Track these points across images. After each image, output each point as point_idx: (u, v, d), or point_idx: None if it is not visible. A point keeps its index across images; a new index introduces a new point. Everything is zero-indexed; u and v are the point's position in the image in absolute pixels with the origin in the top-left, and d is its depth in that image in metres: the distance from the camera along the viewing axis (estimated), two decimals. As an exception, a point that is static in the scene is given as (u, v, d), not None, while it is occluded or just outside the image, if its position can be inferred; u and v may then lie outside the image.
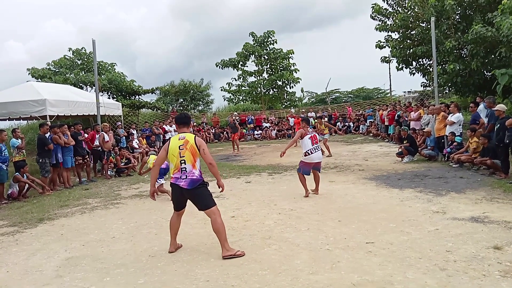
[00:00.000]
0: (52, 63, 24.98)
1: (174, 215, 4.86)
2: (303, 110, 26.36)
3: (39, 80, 21.94)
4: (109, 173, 11.90)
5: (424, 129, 12.31)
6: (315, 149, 7.43)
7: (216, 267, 4.17)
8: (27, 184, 9.15)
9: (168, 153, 4.65)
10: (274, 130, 24.72)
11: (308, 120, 8.26)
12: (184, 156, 4.55)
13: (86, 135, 11.66)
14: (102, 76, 23.09)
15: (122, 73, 25.34)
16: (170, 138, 4.97)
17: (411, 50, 17.68)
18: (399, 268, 3.86)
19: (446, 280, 3.53)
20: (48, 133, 10.04)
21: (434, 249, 4.29)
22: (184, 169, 4.55)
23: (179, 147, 4.58)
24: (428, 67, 18.15)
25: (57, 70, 24.57)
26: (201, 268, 4.19)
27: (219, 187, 4.77)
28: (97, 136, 11.71)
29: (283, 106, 31.39)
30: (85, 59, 25.71)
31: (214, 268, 4.17)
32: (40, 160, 9.59)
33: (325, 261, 4.15)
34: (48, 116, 12.03)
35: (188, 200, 4.71)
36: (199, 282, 3.83)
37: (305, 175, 7.44)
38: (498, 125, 8.16)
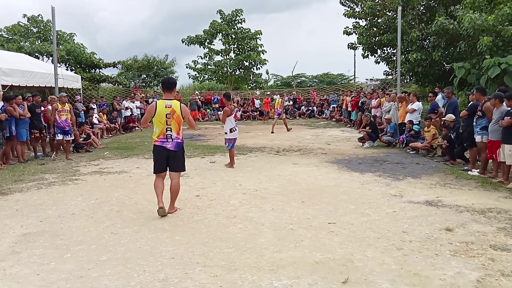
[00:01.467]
0: (5, 30, 23.37)
1: (157, 179, 5.20)
2: (269, 92, 26.37)
3: (-11, 46, 20.48)
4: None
5: (383, 116, 12.74)
6: (236, 126, 8.60)
7: (181, 245, 4.17)
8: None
9: (154, 118, 5.02)
10: (239, 111, 24.64)
11: (229, 96, 8.93)
12: (170, 125, 5.01)
13: (43, 108, 11.10)
14: (60, 46, 21.90)
15: (82, 44, 24.17)
16: (155, 102, 5.25)
17: (377, 38, 18.05)
18: (359, 247, 4.02)
19: (402, 258, 3.73)
20: (1, 104, 9.45)
21: (391, 230, 4.51)
22: (170, 135, 5.06)
23: (166, 115, 4.98)
24: (392, 56, 18.63)
25: (10, 38, 23.03)
26: (165, 246, 4.17)
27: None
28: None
29: (249, 87, 31.31)
30: (42, 27, 24.26)
31: (179, 245, 4.16)
32: None
33: (289, 240, 4.25)
34: (0, 86, 11.30)
35: None
36: (164, 260, 3.81)
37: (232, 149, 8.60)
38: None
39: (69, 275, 3.52)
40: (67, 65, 22.38)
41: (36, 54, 21.25)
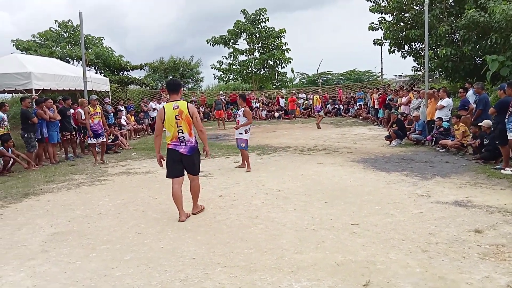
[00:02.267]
0: (38, 35, 24.28)
1: (175, 186, 5.04)
2: (294, 91, 26.23)
3: (23, 52, 21.33)
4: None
5: (411, 113, 12.41)
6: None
7: (203, 245, 4.20)
8: (12, 159, 9.00)
9: (165, 122, 4.93)
10: (264, 110, 24.65)
11: (245, 97, 8.77)
12: (181, 126, 4.92)
13: (72, 111, 11.47)
14: (89, 50, 22.56)
15: (110, 47, 24.78)
16: (162, 106, 5.11)
17: (404, 33, 17.59)
18: (382, 249, 3.93)
19: (427, 261, 3.61)
20: (34, 107, 9.85)
21: (417, 232, 4.38)
22: (182, 138, 4.95)
23: (175, 117, 4.88)
24: (420, 51, 18.12)
25: (42, 43, 23.90)
26: (187, 246, 4.21)
27: (204, 152, 5.21)
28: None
29: (274, 86, 31.23)
30: (72, 32, 25.03)
31: (200, 246, 4.19)
32: (25, 135, 9.42)
33: (310, 241, 4.20)
34: (33, 90, 11.76)
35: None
36: (185, 260, 3.85)
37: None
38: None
39: (93, 274, 3.61)
40: (96, 68, 23.05)
41: (67, 58, 21.98)
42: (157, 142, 5.12)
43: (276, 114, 24.10)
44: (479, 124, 8.61)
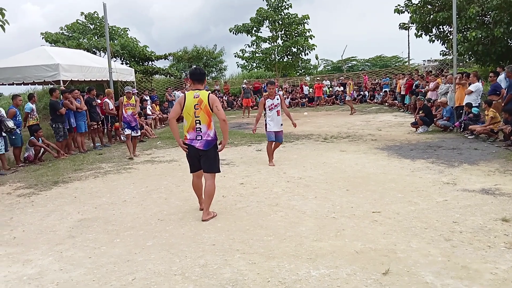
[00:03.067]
0: (65, 28, 24.89)
1: (194, 179, 4.93)
2: (318, 78, 25.88)
3: (52, 44, 21.94)
4: (123, 138, 12.05)
5: (439, 99, 12.02)
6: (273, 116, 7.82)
7: (223, 232, 4.26)
8: (42, 148, 9.34)
9: (184, 111, 4.65)
10: (287, 98, 24.47)
11: (274, 82, 8.07)
12: (199, 117, 4.59)
13: (99, 101, 11.75)
14: (115, 41, 22.97)
15: (135, 38, 25.17)
16: (184, 94, 4.81)
17: (432, 16, 16.96)
18: (404, 237, 3.87)
19: (450, 250, 3.53)
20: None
21: (440, 220, 4.28)
22: (199, 129, 4.62)
23: (194, 106, 4.59)
24: (448, 35, 17.46)
25: (70, 35, 24.51)
26: (208, 232, 4.28)
27: (220, 145, 4.78)
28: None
29: (298, 73, 30.92)
30: (98, 24, 25.51)
31: (220, 232, 4.25)
32: (54, 125, 9.74)
33: (330, 229, 4.18)
34: (61, 81, 12.11)
35: None
36: (205, 246, 3.92)
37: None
38: None
39: (117, 259, 3.73)
40: (121, 59, 23.46)
41: (94, 49, 22.47)
42: (174, 127, 4.70)
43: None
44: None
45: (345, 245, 3.75)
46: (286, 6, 28.26)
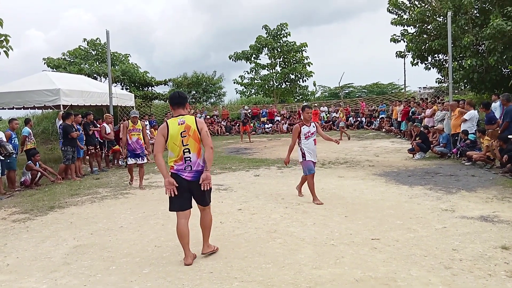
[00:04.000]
0: (67, 53, 25.28)
1: (180, 222, 4.11)
2: (315, 104, 26.15)
3: (54, 70, 22.24)
4: (120, 163, 12.05)
5: (435, 126, 12.14)
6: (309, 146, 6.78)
7: (221, 259, 4.20)
8: (39, 172, 9.31)
9: (168, 141, 4.04)
10: (285, 123, 24.64)
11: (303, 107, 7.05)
12: (187, 145, 4.02)
13: (98, 126, 11.81)
14: (116, 67, 23.30)
15: (136, 64, 25.56)
16: (165, 122, 4.30)
17: (427, 44, 17.38)
18: (404, 265, 3.82)
19: (451, 278, 3.49)
20: (59, 122, 10.22)
21: (440, 247, 4.24)
22: (189, 158, 4.04)
23: (181, 134, 4.01)
24: (444, 63, 17.85)
25: (72, 60, 24.87)
26: (205, 260, 4.22)
27: (205, 177, 4.05)
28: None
29: (296, 99, 31.27)
30: (100, 50, 25.95)
31: (218, 260, 4.19)
32: (63, 148, 9.87)
33: (329, 256, 4.14)
34: (61, 106, 12.19)
35: None
36: (203, 274, 3.86)
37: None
38: None
39: (113, 286, 3.66)
40: (122, 84, 23.73)
41: (95, 75, 22.76)
42: (160, 163, 4.05)
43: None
44: (509, 136, 8.32)
45: (344, 273, 3.71)
46: (285, 34, 28.93)
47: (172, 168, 4.10)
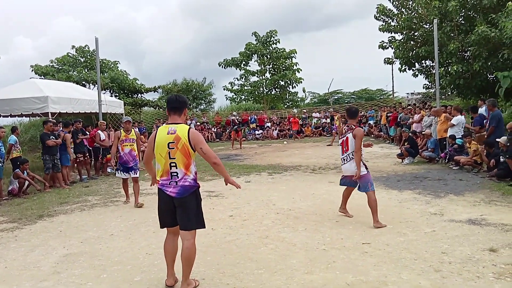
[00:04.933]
0: (56, 61, 25.09)
1: (168, 237, 3.76)
2: (305, 110, 26.34)
3: (42, 77, 22.05)
4: (108, 170, 11.94)
5: (423, 131, 12.32)
6: (344, 159, 6.00)
7: (212, 266, 4.20)
8: (27, 181, 9.19)
9: (155, 150, 3.64)
10: (275, 130, 24.73)
11: (352, 111, 6.00)
12: (174, 158, 3.55)
13: (88, 133, 11.71)
14: (105, 74, 23.18)
15: (125, 71, 25.47)
16: (155, 129, 4.01)
17: (414, 51, 17.66)
18: (394, 269, 3.87)
19: (440, 281, 3.54)
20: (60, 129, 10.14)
21: (429, 251, 4.30)
22: (175, 174, 3.55)
23: (168, 145, 3.55)
24: (431, 69, 18.13)
25: (60, 68, 24.69)
26: (197, 266, 4.19)
27: (226, 184, 3.81)
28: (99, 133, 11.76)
29: (285, 106, 31.43)
30: (88, 57, 25.81)
31: (210, 266, 4.19)
32: (43, 157, 9.68)
33: (320, 261, 4.16)
34: (50, 114, 12.08)
35: None
36: (195, 280, 3.84)
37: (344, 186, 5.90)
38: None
39: (104, 295, 3.63)
40: (111, 92, 23.61)
41: (83, 82, 22.61)
42: (150, 169, 3.91)
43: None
44: (496, 140, 8.48)
45: (336, 277, 3.74)
46: (274, 41, 29.11)
47: (158, 183, 3.66)
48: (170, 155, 3.55)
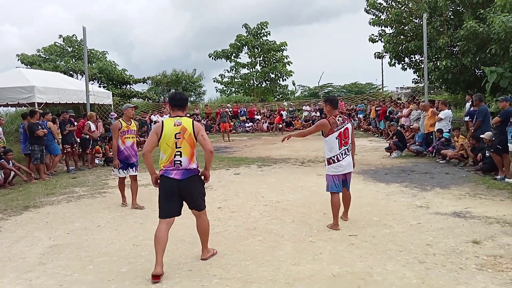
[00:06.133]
0: (42, 50, 24.64)
1: (161, 226, 3.91)
2: (294, 104, 26.37)
3: (28, 66, 21.65)
4: (96, 162, 11.83)
5: (411, 125, 12.44)
6: (344, 153, 5.15)
7: (199, 257, 4.20)
8: (12, 171, 9.05)
9: (161, 141, 3.89)
10: (265, 123, 24.73)
11: (334, 101, 5.27)
12: (180, 147, 3.86)
13: (75, 124, 11.56)
14: (93, 64, 22.85)
15: (113, 61, 25.13)
16: (161, 121, 4.16)
17: (404, 45, 17.73)
18: (380, 260, 3.92)
19: (425, 272, 3.60)
20: (41, 120, 9.96)
21: (414, 243, 4.36)
22: (179, 162, 3.86)
23: (175, 135, 3.86)
24: (420, 63, 18.22)
25: (47, 57, 24.26)
26: (184, 258, 4.21)
27: (204, 176, 4.08)
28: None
29: (276, 99, 31.41)
30: (76, 47, 25.41)
31: (197, 258, 4.19)
32: (30, 148, 9.54)
33: (307, 253, 4.20)
34: (36, 104, 11.90)
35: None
36: (182, 271, 3.85)
37: (337, 193, 5.11)
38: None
39: (89, 286, 3.62)
40: (99, 82, 23.30)
41: (71, 72, 22.26)
42: (149, 162, 3.94)
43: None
44: (481, 136, 8.59)
45: (322, 268, 3.77)
46: (265, 33, 28.97)
47: (161, 171, 3.92)
48: (177, 145, 3.87)
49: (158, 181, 3.98)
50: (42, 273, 3.98)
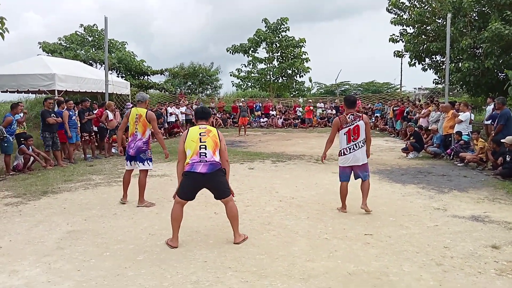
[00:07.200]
0: (64, 38, 25.00)
1: (177, 207, 4.36)
2: (310, 100, 26.17)
3: (49, 54, 22.00)
4: (113, 151, 11.97)
5: (430, 126, 12.25)
6: (351, 148, 5.64)
7: (214, 249, 4.22)
8: (31, 157, 9.23)
9: (186, 140, 4.34)
10: (280, 118, 24.65)
11: (348, 100, 5.83)
12: (205, 142, 4.28)
13: (95, 112, 11.71)
14: (112, 54, 23.09)
15: (132, 52, 25.36)
16: (187, 129, 4.57)
17: (425, 45, 17.44)
18: (396, 260, 3.88)
19: (442, 275, 3.55)
20: (57, 108, 10.11)
21: (432, 245, 4.30)
22: (204, 154, 4.23)
23: (200, 133, 4.34)
24: (441, 64, 17.92)
25: (68, 46, 24.61)
26: (199, 249, 4.24)
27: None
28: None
29: (292, 95, 31.26)
30: (96, 36, 25.70)
31: (212, 249, 4.22)
32: (42, 135, 9.71)
33: (322, 250, 4.18)
34: (56, 91, 12.10)
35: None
36: (197, 262, 3.88)
37: (345, 182, 5.71)
38: None
39: (107, 272, 3.67)
40: (117, 72, 23.55)
41: (90, 61, 22.56)
42: (180, 170, 4.43)
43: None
44: (501, 140, 8.40)
45: (337, 266, 3.75)
46: (284, 29, 28.78)
47: (187, 166, 4.27)
48: (201, 139, 4.30)
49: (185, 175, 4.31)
50: (60, 257, 4.05)
